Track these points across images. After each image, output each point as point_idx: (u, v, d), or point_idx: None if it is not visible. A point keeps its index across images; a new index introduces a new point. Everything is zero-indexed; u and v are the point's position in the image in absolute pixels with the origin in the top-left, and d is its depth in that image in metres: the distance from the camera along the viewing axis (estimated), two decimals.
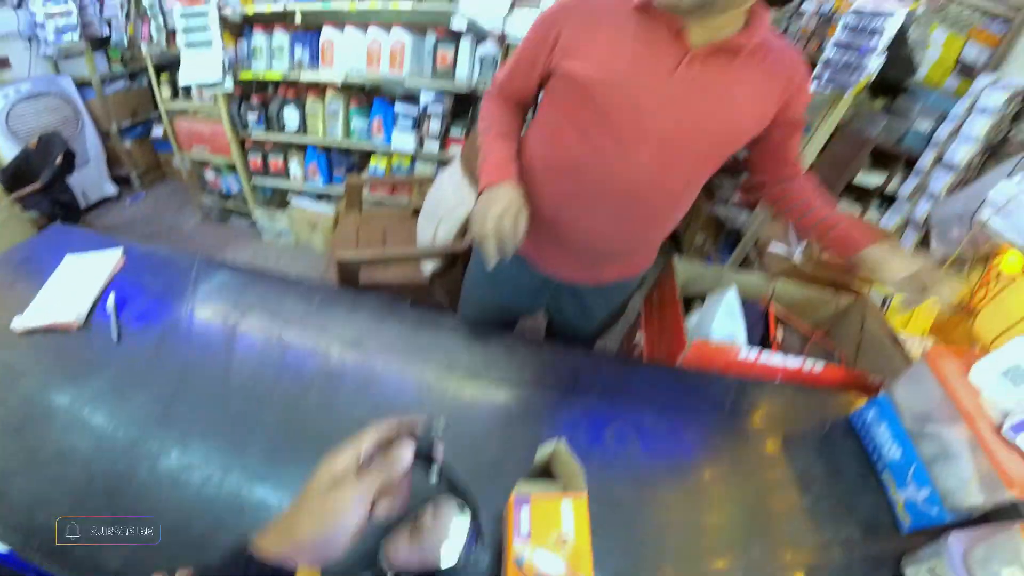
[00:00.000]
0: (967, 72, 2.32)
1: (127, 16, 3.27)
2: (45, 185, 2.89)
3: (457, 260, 1.95)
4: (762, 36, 0.92)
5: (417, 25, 2.57)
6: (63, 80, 3.71)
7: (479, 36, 2.47)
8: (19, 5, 3.56)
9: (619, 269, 1.29)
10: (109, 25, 3.52)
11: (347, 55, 2.62)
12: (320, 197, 3.39)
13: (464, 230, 1.82)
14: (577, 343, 1.44)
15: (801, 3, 2.63)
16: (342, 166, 3.21)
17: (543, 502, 0.77)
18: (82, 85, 3.81)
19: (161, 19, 2.91)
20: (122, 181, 4.25)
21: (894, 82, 2.27)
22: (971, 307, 1.52)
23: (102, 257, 1.40)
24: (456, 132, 2.82)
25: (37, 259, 1.44)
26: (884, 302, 1.54)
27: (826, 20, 2.41)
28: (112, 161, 4.14)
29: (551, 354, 1.28)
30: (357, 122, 2.92)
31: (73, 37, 3.45)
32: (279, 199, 3.55)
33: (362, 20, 2.59)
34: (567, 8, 1.01)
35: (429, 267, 2.03)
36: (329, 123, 2.93)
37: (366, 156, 3.19)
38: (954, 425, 0.93)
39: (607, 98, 0.97)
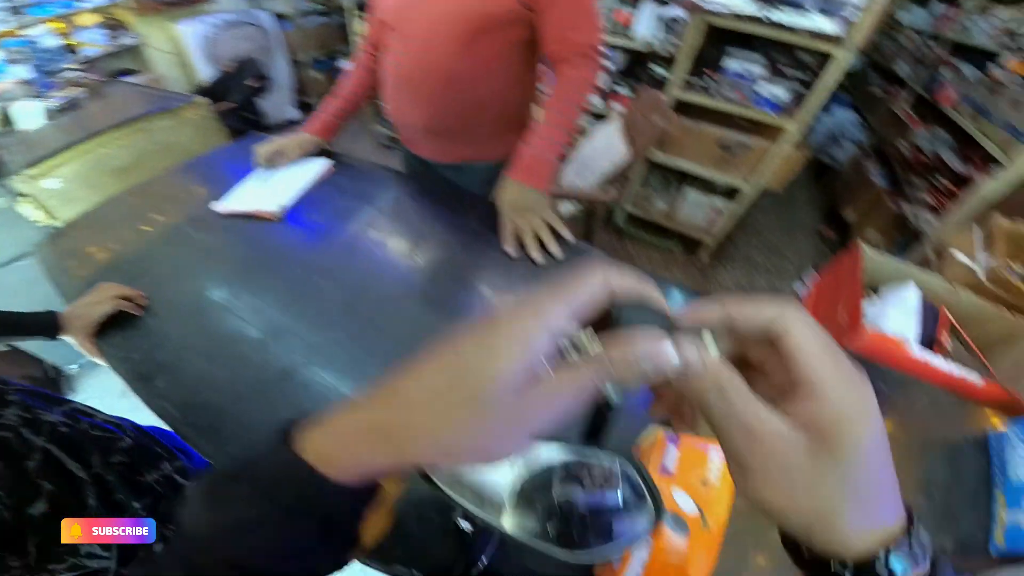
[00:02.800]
0: None
1: None
2: (238, 104, 3.03)
3: (595, 210, 2.09)
4: None
5: None
6: (261, 13, 3.92)
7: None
8: None
9: (461, 150, 1.38)
10: None
11: None
12: None
13: (606, 183, 1.94)
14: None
15: None
16: None
17: (692, 445, 0.73)
18: (282, 18, 4.02)
19: None
20: (306, 107, 4.47)
21: None
22: None
23: (311, 163, 1.40)
24: (623, 90, 2.68)
25: (239, 160, 1.47)
26: None
27: None
28: (300, 89, 4.37)
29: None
30: None
31: None
32: None
33: None
34: None
35: (568, 208, 2.14)
36: None
37: None
38: None
39: (388, 13, 1.22)
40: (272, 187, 1.30)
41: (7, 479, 0.61)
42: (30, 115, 2.14)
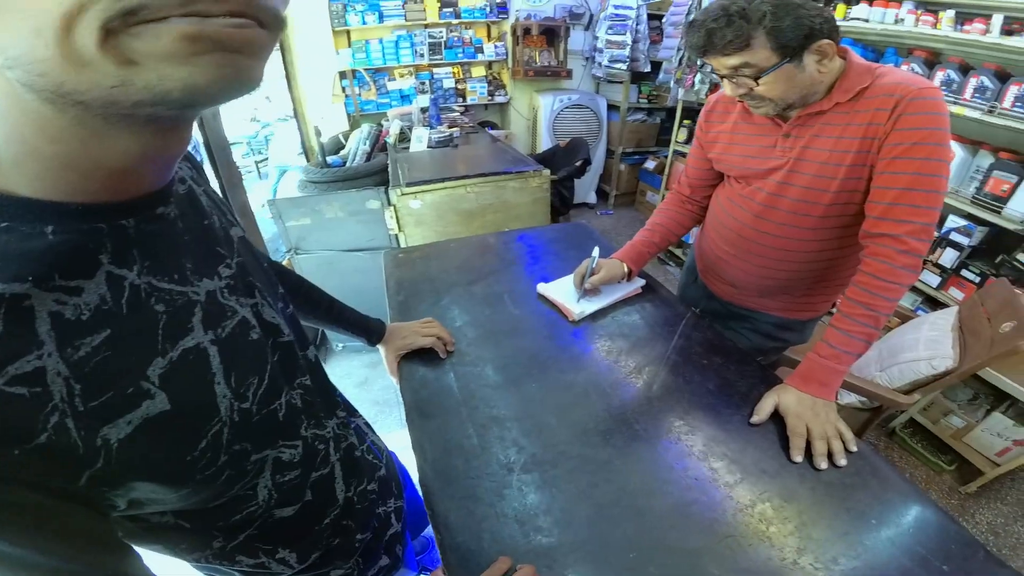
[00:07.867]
0: None
1: (679, 63, 3.60)
2: (560, 178, 3.37)
3: (880, 412, 1.72)
4: (850, 91, 1.01)
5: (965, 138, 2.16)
6: (600, 100, 4.39)
7: None
8: (587, 27, 4.37)
9: (761, 302, 1.40)
10: (651, 65, 4.01)
11: None
12: None
13: (912, 389, 1.61)
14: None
15: None
16: None
17: None
18: (610, 108, 4.44)
19: (708, 73, 3.17)
20: (601, 194, 4.88)
21: None
22: None
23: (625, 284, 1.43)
24: (971, 274, 2.17)
25: (564, 243, 1.70)
26: None
27: None
28: (602, 176, 4.75)
29: None
30: None
31: (622, 67, 4.04)
32: None
33: None
34: (705, 112, 1.33)
35: (850, 399, 1.80)
36: None
37: None
38: None
39: (733, 168, 1.27)
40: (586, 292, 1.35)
41: (292, 487, 0.59)
42: (419, 140, 2.67)
